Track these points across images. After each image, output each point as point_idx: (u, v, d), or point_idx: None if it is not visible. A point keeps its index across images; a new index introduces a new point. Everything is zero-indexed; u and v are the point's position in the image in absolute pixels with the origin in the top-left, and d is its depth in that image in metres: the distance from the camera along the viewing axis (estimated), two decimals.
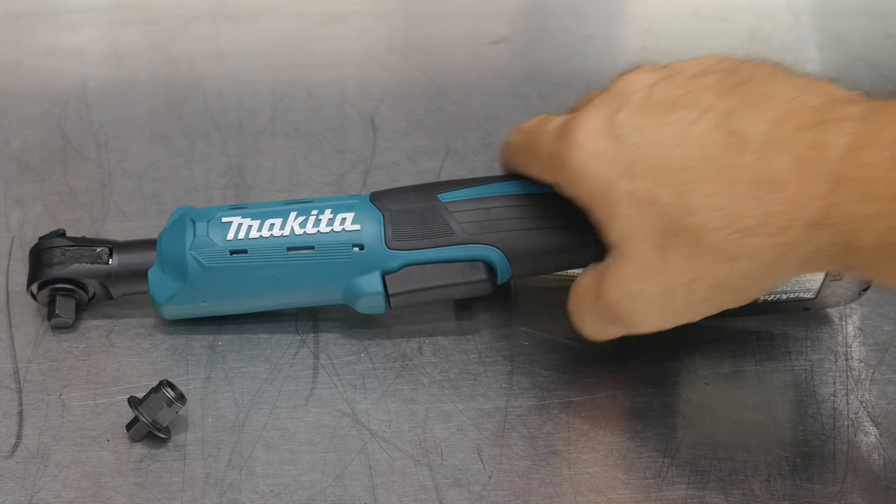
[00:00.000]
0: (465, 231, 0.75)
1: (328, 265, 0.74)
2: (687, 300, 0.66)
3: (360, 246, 0.74)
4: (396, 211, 0.75)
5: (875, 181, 0.60)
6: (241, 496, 0.71)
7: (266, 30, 1.01)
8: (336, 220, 0.75)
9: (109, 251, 0.77)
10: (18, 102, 0.94)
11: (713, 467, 0.73)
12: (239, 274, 0.75)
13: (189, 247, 0.74)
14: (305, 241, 0.74)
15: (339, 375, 0.77)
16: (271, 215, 0.75)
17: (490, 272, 0.75)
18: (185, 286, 0.75)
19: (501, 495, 0.71)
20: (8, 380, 0.76)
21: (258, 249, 0.74)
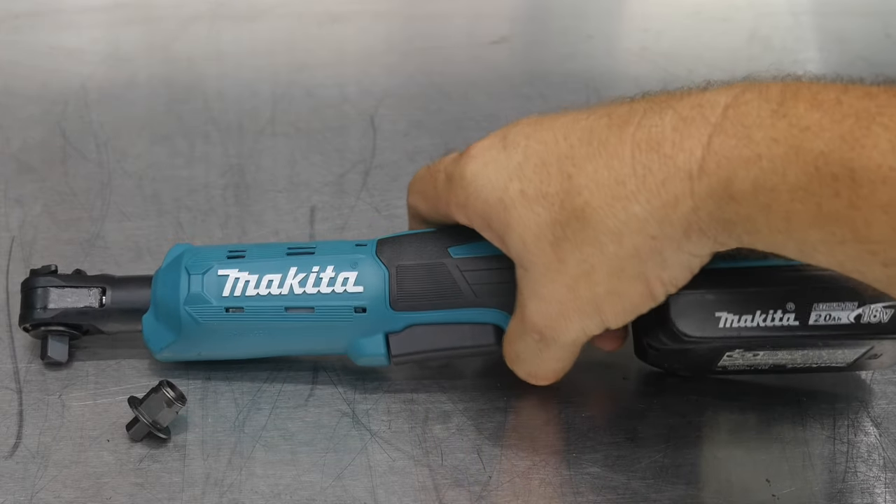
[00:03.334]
0: (475, 293, 0.72)
1: (328, 326, 0.72)
2: (591, 294, 0.66)
3: (362, 309, 0.72)
4: (403, 267, 0.72)
5: (753, 126, 0.61)
6: (241, 496, 0.71)
7: (266, 30, 1.01)
8: (338, 279, 0.72)
9: (102, 291, 0.75)
10: (18, 102, 0.94)
11: (713, 467, 0.73)
12: (235, 329, 0.73)
13: (183, 301, 0.72)
14: (305, 302, 0.72)
15: (339, 375, 0.77)
16: (270, 270, 0.72)
17: (499, 336, 0.72)
18: (180, 338, 0.73)
19: (501, 495, 0.71)
20: (8, 380, 0.76)
21: (255, 308, 0.72)
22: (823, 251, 0.60)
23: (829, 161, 0.58)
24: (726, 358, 0.71)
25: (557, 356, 0.70)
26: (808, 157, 0.59)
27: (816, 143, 0.59)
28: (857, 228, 0.58)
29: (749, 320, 0.69)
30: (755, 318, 0.69)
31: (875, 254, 0.59)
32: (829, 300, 0.69)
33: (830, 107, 0.59)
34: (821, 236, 0.60)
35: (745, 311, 0.69)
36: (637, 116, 0.65)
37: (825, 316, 0.69)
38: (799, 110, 0.60)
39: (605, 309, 0.66)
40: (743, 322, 0.69)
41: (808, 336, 0.69)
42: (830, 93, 0.60)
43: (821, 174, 0.59)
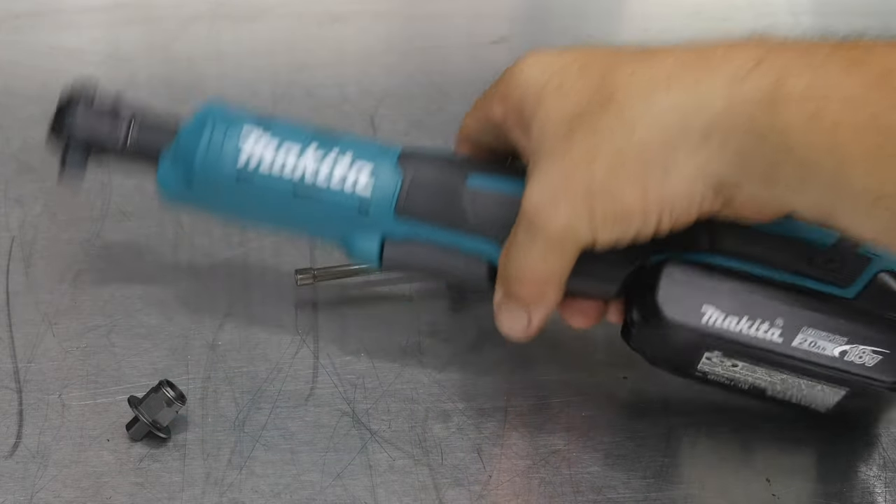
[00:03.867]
0: (480, 222, 0.70)
1: (330, 218, 0.71)
2: (586, 183, 0.64)
3: (365, 210, 0.71)
4: (418, 179, 0.71)
5: (814, 46, 0.61)
6: (241, 496, 0.71)
7: (266, 30, 1.01)
8: (350, 177, 0.71)
9: (129, 123, 0.74)
10: (18, 102, 0.94)
11: (713, 467, 0.73)
12: (242, 198, 0.72)
13: (199, 159, 0.72)
14: (313, 189, 0.71)
15: (339, 375, 0.77)
16: (290, 149, 0.71)
17: (491, 273, 0.71)
18: (190, 191, 0.73)
19: (501, 495, 0.71)
20: (8, 379, 0.76)
21: (264, 186, 0.71)
22: (862, 170, 0.59)
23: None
24: (706, 360, 0.70)
25: (542, 254, 0.67)
26: (872, 69, 0.59)
27: (885, 60, 0.59)
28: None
29: (733, 323, 0.68)
30: (740, 323, 0.68)
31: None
32: (820, 328, 0.68)
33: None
34: (864, 150, 0.59)
35: (732, 312, 0.68)
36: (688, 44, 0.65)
37: (810, 342, 0.68)
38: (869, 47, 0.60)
39: (595, 206, 0.64)
40: (726, 323, 0.68)
41: (787, 357, 0.68)
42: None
43: (884, 85, 0.58)
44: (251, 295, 0.82)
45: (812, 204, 0.62)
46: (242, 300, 0.81)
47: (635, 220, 0.65)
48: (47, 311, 0.80)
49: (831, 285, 0.69)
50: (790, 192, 0.62)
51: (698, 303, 0.68)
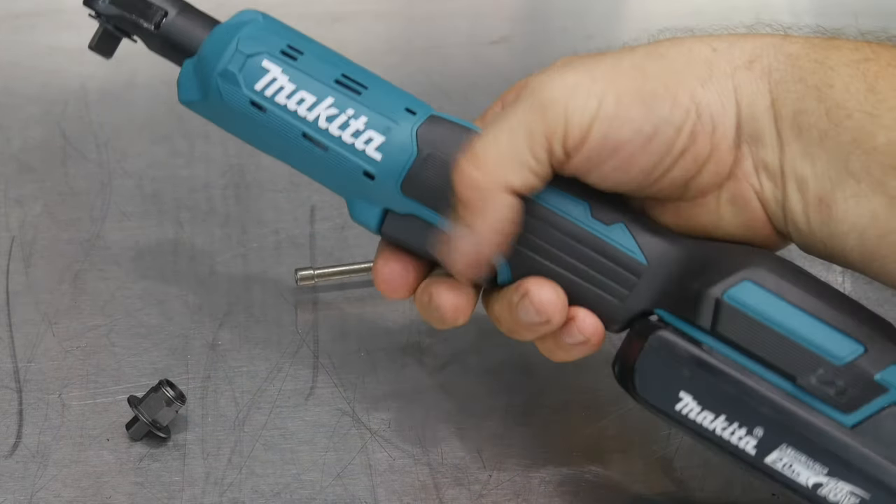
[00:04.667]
0: None
1: (334, 171, 0.68)
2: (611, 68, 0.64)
3: (370, 176, 0.67)
4: (433, 157, 0.66)
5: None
6: (241, 495, 0.71)
7: None
8: (363, 135, 0.67)
9: (162, 16, 0.70)
10: (18, 102, 0.94)
11: (713, 467, 0.73)
12: (252, 122, 0.68)
13: (218, 71, 0.68)
14: (322, 138, 0.67)
15: (339, 375, 0.77)
16: (309, 88, 0.67)
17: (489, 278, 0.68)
18: (204, 102, 0.69)
19: (501, 494, 0.71)
20: (8, 379, 0.76)
21: (276, 116, 0.67)
22: (891, 120, 0.60)
23: None
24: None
25: (521, 121, 0.63)
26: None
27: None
28: None
29: (708, 420, 0.62)
30: (715, 422, 0.62)
31: None
32: (802, 450, 0.61)
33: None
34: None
35: (710, 407, 0.62)
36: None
37: (786, 464, 0.62)
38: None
39: (619, 80, 0.63)
40: (700, 418, 0.62)
41: (756, 469, 0.62)
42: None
43: None
44: (251, 295, 0.82)
45: (819, 172, 0.62)
46: (242, 300, 0.81)
47: (661, 106, 0.63)
48: (47, 311, 0.80)
49: (831, 407, 0.62)
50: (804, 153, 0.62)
51: (676, 388, 0.63)
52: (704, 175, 0.64)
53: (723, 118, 0.63)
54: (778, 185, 0.63)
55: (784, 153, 0.63)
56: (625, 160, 0.63)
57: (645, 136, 0.63)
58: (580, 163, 0.64)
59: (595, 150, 0.63)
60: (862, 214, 0.61)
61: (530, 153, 0.63)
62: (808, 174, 0.62)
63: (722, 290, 0.63)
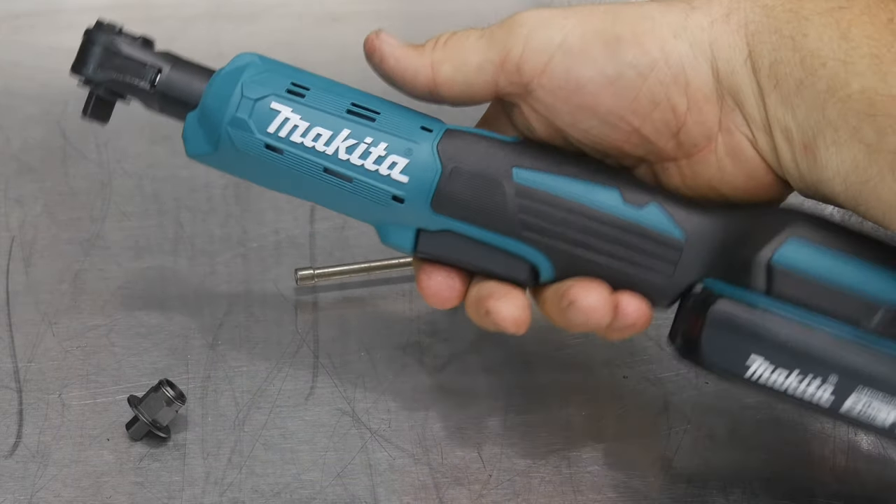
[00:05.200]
0: (524, 226, 0.66)
1: (361, 201, 0.67)
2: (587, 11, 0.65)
3: (400, 200, 0.66)
4: (459, 171, 0.66)
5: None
6: (241, 495, 0.71)
7: (266, 30, 1.01)
8: (386, 160, 0.66)
9: (158, 71, 0.69)
10: (18, 102, 0.94)
11: (713, 467, 0.73)
12: (270, 167, 0.67)
13: (227, 121, 0.67)
14: (346, 169, 0.66)
15: (339, 375, 0.77)
16: (323, 123, 0.66)
17: (533, 275, 0.67)
18: (215, 154, 0.68)
19: (501, 494, 0.71)
20: (8, 379, 0.76)
21: (294, 156, 0.66)
22: (866, 65, 0.60)
23: None
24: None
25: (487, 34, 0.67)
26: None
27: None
28: None
29: (781, 378, 0.63)
30: (788, 379, 0.63)
31: None
32: (877, 390, 0.63)
33: None
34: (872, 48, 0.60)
35: (782, 366, 0.63)
36: None
37: (863, 407, 0.63)
38: None
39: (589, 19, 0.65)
40: (773, 378, 0.63)
41: (834, 418, 0.64)
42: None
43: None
44: (251, 295, 0.82)
45: (800, 121, 0.62)
46: (242, 300, 0.81)
47: (625, 50, 0.64)
48: (47, 311, 0.80)
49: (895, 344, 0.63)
50: (784, 103, 0.62)
51: (746, 352, 0.64)
52: (691, 127, 0.64)
53: (696, 71, 0.64)
54: (767, 134, 0.64)
55: (766, 104, 0.63)
56: (590, 100, 0.64)
57: (607, 78, 0.64)
58: (545, 95, 0.65)
59: (558, 84, 0.64)
60: (843, 161, 0.61)
61: (482, 56, 0.66)
62: (791, 123, 0.63)
63: (770, 253, 0.64)
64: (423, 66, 0.67)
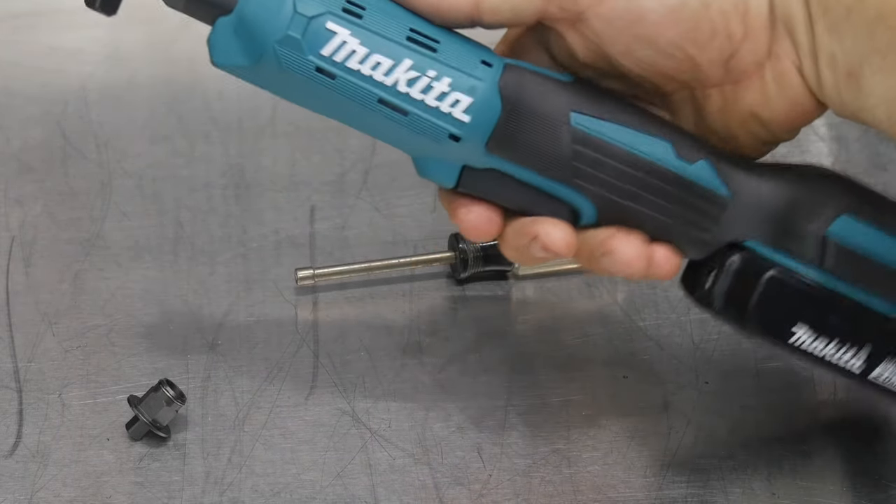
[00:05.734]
0: (577, 173, 0.64)
1: (413, 137, 0.63)
2: None
3: (457, 138, 0.63)
4: (518, 112, 0.63)
5: None
6: (241, 495, 0.71)
7: None
8: (449, 97, 0.62)
9: None
10: (18, 102, 0.94)
11: (713, 466, 0.73)
12: (315, 91, 0.62)
13: (276, 38, 0.61)
14: (403, 103, 0.62)
15: (339, 374, 0.77)
16: (384, 50, 0.61)
17: (573, 220, 0.66)
18: (252, 70, 0.62)
19: (501, 494, 0.71)
20: (8, 379, 0.76)
21: (347, 83, 0.62)
22: None
23: None
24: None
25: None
26: None
27: None
28: None
29: (820, 346, 0.65)
30: (826, 347, 0.65)
31: None
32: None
33: None
34: None
35: (824, 335, 0.65)
36: None
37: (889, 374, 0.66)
38: None
39: None
40: (813, 346, 0.65)
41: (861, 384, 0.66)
42: None
43: None
44: (251, 295, 0.82)
45: (847, 49, 0.62)
46: (242, 300, 0.81)
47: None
48: (47, 311, 0.80)
49: None
50: (832, 30, 0.62)
51: (791, 321, 0.65)
52: (743, 54, 0.64)
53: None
54: (813, 61, 0.63)
55: (814, 31, 0.62)
56: (650, 31, 0.63)
57: (669, 7, 0.63)
58: (600, 26, 0.63)
59: (617, 14, 0.63)
60: (890, 87, 0.61)
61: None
62: (837, 50, 0.62)
63: (824, 227, 0.65)
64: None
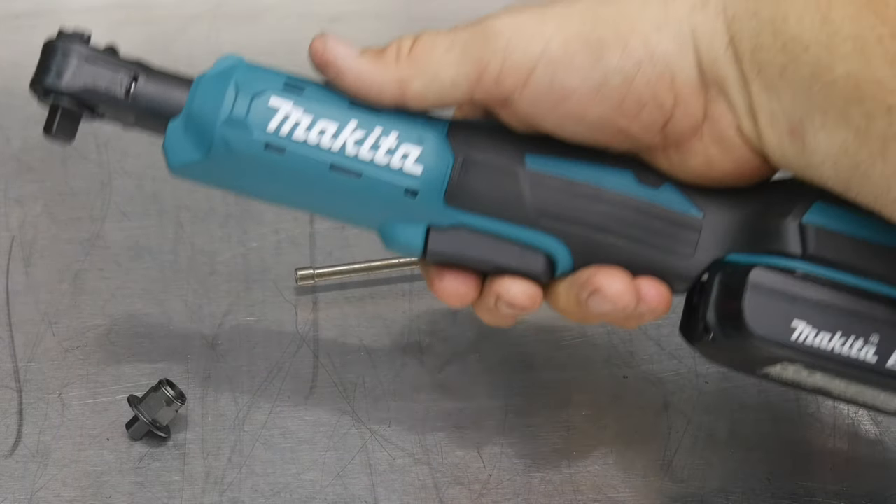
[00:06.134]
0: (539, 213, 0.64)
1: (370, 199, 0.63)
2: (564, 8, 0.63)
3: (413, 193, 0.63)
4: (471, 161, 0.63)
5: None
6: (241, 494, 0.71)
7: (266, 30, 1.01)
8: (398, 151, 0.62)
9: (133, 79, 0.64)
10: (18, 102, 0.94)
11: (713, 466, 0.73)
12: (268, 170, 0.63)
13: (221, 120, 0.62)
14: (354, 165, 0.62)
15: (339, 374, 0.77)
16: (327, 116, 0.62)
17: (549, 268, 0.65)
18: (205, 161, 0.63)
19: (501, 493, 0.71)
20: (8, 379, 0.76)
21: (297, 155, 0.62)
22: (850, 48, 0.58)
23: None
24: (779, 367, 0.65)
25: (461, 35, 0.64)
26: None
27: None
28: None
29: (826, 340, 0.62)
30: (833, 340, 0.62)
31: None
32: None
33: None
34: (855, 30, 0.58)
35: (825, 328, 0.62)
36: None
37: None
38: None
39: (567, 22, 0.62)
40: (818, 340, 0.62)
41: (878, 375, 0.62)
42: None
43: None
44: (251, 295, 0.82)
45: (786, 106, 0.61)
46: (242, 300, 0.81)
47: (610, 54, 0.62)
48: (47, 311, 0.80)
49: None
50: (768, 88, 0.61)
51: (788, 317, 0.62)
52: (678, 120, 0.63)
53: (681, 64, 0.62)
54: (752, 120, 0.62)
55: (750, 91, 0.61)
56: (576, 109, 0.62)
57: (593, 86, 0.62)
58: (527, 107, 0.63)
59: (542, 95, 0.62)
60: (832, 145, 0.60)
61: (454, 70, 0.63)
62: (777, 108, 0.61)
63: (799, 215, 0.63)
64: (388, 84, 0.63)
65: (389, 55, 0.63)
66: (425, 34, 0.64)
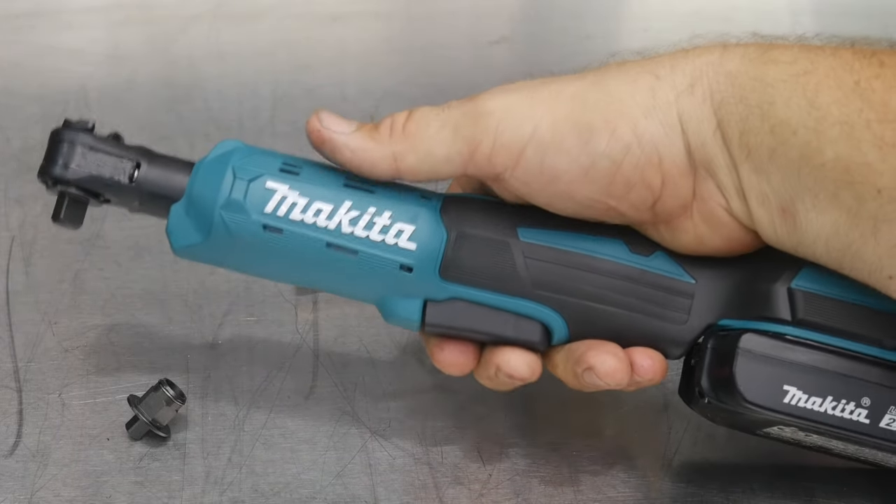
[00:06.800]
0: (534, 284, 0.66)
1: (367, 276, 0.66)
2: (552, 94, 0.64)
3: (408, 268, 0.66)
4: (464, 235, 0.65)
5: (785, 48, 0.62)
6: (241, 494, 0.71)
7: (266, 30, 1.01)
8: (392, 229, 0.65)
9: (136, 165, 0.67)
10: (18, 102, 0.94)
11: (713, 466, 0.73)
12: (267, 250, 0.65)
13: (220, 204, 0.65)
14: (350, 243, 0.65)
15: (339, 374, 0.77)
16: (322, 198, 0.65)
17: (546, 336, 0.67)
18: (206, 242, 0.66)
19: (501, 493, 0.71)
20: (8, 379, 0.76)
21: (294, 234, 0.65)
22: (837, 132, 0.59)
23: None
24: (777, 429, 0.67)
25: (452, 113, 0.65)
26: (860, 52, 0.60)
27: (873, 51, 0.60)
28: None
29: (818, 404, 0.64)
30: (824, 404, 0.64)
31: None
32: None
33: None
34: (842, 114, 0.59)
35: (816, 392, 0.63)
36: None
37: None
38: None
39: (556, 108, 0.63)
40: (810, 404, 0.64)
41: (872, 437, 0.64)
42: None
43: (870, 58, 0.59)
44: (251, 295, 0.82)
45: (776, 187, 0.62)
46: (242, 300, 0.81)
47: (598, 139, 0.63)
48: (47, 310, 0.80)
49: None
50: (758, 171, 0.62)
51: (779, 382, 0.64)
52: (666, 201, 0.64)
53: (669, 148, 0.63)
54: (742, 200, 0.63)
55: (739, 173, 0.63)
56: (566, 189, 0.64)
57: (581, 168, 0.63)
58: (519, 185, 0.64)
59: (532, 176, 0.64)
60: (824, 225, 0.61)
61: (447, 148, 0.64)
62: (767, 189, 0.62)
63: (788, 281, 0.64)
64: (382, 159, 0.65)
65: (384, 131, 0.65)
66: (418, 111, 0.66)
